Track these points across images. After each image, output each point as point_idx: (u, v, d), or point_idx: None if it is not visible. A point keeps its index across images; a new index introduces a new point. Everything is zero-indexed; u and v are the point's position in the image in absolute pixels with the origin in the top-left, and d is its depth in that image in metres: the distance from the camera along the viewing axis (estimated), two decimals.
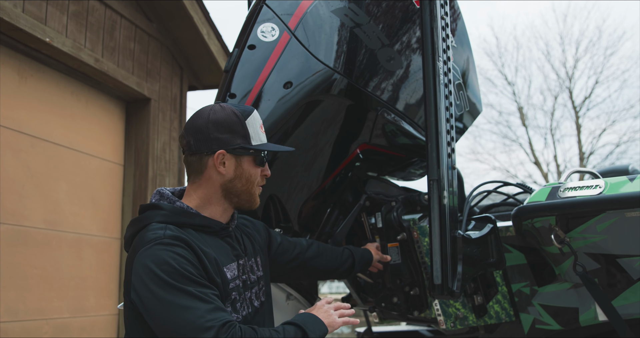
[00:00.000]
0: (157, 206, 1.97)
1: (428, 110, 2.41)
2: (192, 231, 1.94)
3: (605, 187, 2.37)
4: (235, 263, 2.00)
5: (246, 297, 2.03)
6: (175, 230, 1.88)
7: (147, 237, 1.86)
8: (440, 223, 2.31)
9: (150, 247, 1.82)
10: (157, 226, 1.90)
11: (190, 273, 1.77)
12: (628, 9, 25.19)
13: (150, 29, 5.62)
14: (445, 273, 2.29)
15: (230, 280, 1.93)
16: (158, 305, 1.75)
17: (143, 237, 1.88)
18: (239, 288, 1.98)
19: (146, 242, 1.84)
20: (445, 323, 2.74)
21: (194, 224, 1.96)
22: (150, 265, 1.78)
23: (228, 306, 1.92)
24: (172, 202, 2.00)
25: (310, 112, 2.66)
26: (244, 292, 2.02)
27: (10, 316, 4.08)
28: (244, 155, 2.02)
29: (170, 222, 1.92)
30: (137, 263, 1.82)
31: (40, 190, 4.45)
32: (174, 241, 1.83)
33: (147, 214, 1.96)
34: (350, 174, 2.90)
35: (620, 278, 2.50)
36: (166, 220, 1.93)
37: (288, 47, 2.64)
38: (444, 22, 2.51)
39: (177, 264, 1.77)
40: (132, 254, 1.88)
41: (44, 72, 4.58)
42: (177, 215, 1.95)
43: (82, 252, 4.82)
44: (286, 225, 2.68)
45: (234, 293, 1.94)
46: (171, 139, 5.83)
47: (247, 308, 2.01)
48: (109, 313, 5.10)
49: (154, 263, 1.78)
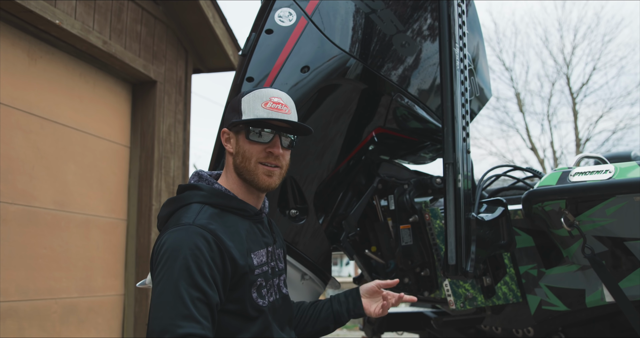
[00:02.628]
0: (196, 187, 2.02)
1: (444, 95, 2.46)
2: (229, 214, 1.98)
3: (615, 172, 2.44)
4: (265, 250, 2.03)
5: (274, 284, 2.05)
6: (208, 217, 1.90)
7: (181, 219, 1.90)
8: (455, 205, 2.37)
9: (177, 230, 1.85)
10: (195, 207, 1.94)
11: (195, 271, 1.77)
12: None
13: (157, 12, 5.64)
14: (459, 254, 2.35)
15: (256, 267, 1.95)
16: (155, 286, 1.80)
17: (179, 217, 1.92)
18: (266, 274, 2.00)
19: (176, 224, 1.88)
20: (455, 303, 2.81)
21: (231, 206, 1.99)
22: (166, 246, 1.82)
23: (254, 292, 1.92)
24: (211, 183, 2.04)
25: (326, 96, 2.70)
26: (272, 278, 2.05)
27: (20, 295, 4.14)
28: (240, 132, 2.03)
29: (209, 202, 1.96)
30: (161, 239, 1.87)
31: (50, 171, 4.49)
32: (201, 230, 1.84)
33: (186, 194, 2.01)
34: (364, 157, 2.95)
35: (626, 261, 2.57)
36: (205, 200, 1.97)
37: (305, 32, 2.68)
38: (460, 9, 2.56)
39: (189, 257, 1.78)
40: (163, 231, 1.92)
41: (53, 53, 4.61)
42: (215, 197, 1.99)
43: (90, 232, 4.88)
44: (302, 206, 2.73)
45: (260, 279, 1.96)
46: (176, 121, 5.86)
47: (274, 295, 2.04)
48: (115, 294, 5.17)
49: (171, 248, 1.81)
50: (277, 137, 2.01)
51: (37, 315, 4.28)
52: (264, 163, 2.00)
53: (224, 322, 1.87)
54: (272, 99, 2.02)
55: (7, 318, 4.01)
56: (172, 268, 1.77)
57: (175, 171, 5.77)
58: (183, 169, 5.95)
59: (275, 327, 2.01)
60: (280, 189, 2.67)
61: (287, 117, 2.02)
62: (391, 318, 3.89)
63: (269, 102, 2.01)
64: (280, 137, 2.02)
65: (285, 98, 2.07)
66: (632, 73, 23.11)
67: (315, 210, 2.77)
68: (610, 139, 20.05)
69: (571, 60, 20.72)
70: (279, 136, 2.02)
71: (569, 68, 20.69)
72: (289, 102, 2.08)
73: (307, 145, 2.72)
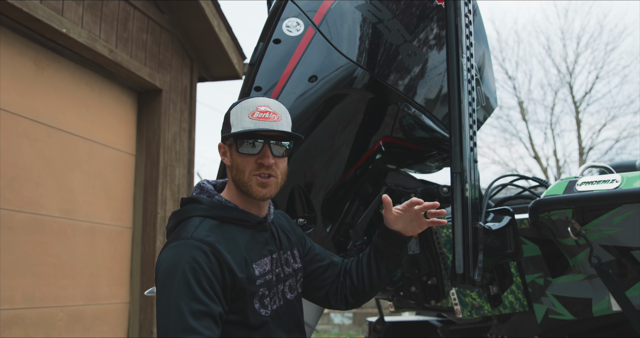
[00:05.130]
0: (196, 200, 2.03)
1: (452, 105, 2.47)
2: (230, 225, 1.99)
3: (622, 182, 2.45)
4: (269, 258, 2.04)
5: (278, 290, 2.06)
6: (207, 230, 1.93)
7: (180, 234, 1.93)
8: (463, 214, 2.38)
9: (175, 245, 1.89)
10: (195, 221, 1.96)
11: (194, 284, 1.80)
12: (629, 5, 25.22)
13: (162, 21, 5.67)
14: (467, 263, 2.36)
15: (258, 277, 1.97)
16: (158, 304, 1.83)
17: (179, 232, 1.95)
18: (269, 283, 2.01)
19: (175, 238, 1.93)
20: (461, 312, 2.82)
21: (232, 218, 2.01)
22: (165, 262, 1.87)
23: (256, 302, 1.94)
24: (212, 195, 2.06)
25: (334, 106, 2.72)
26: (277, 285, 2.05)
27: (27, 303, 4.15)
28: (232, 145, 2.04)
29: (209, 215, 1.98)
30: (161, 256, 1.91)
31: (56, 179, 4.51)
32: (198, 243, 1.87)
33: (187, 208, 2.03)
34: (371, 167, 2.96)
35: (633, 270, 2.58)
36: (205, 213, 1.99)
37: (313, 42, 2.70)
38: (467, 20, 2.58)
39: (187, 271, 1.81)
40: (163, 247, 1.95)
41: (60, 62, 4.63)
42: (215, 209, 2.01)
43: (96, 240, 4.89)
44: (310, 214, 2.74)
45: (262, 289, 1.97)
46: (181, 129, 5.89)
47: (278, 302, 2.05)
48: (120, 302, 5.18)
49: (169, 263, 1.85)
50: (266, 147, 1.99)
51: (42, 323, 4.28)
52: (257, 174, 2.00)
53: (227, 331, 1.90)
54: (258, 108, 2.00)
55: (14, 325, 4.01)
56: (171, 284, 1.80)
57: (180, 179, 5.78)
58: (188, 177, 5.96)
59: (280, 333, 2.03)
60: (288, 198, 2.68)
61: (275, 125, 2.00)
62: (397, 327, 3.89)
63: (255, 111, 1.99)
64: (270, 146, 2.00)
65: (274, 105, 2.05)
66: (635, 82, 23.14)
67: (322, 218, 2.78)
68: (613, 148, 20.04)
69: (574, 68, 20.73)
70: (269, 146, 2.00)
71: (572, 77, 20.70)
72: (279, 108, 2.05)
73: (315, 154, 2.73)
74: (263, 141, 1.99)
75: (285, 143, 2.04)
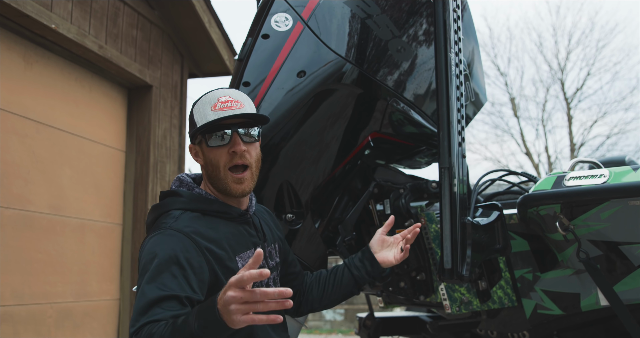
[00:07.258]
0: (176, 193, 2.02)
1: (440, 100, 2.47)
2: (211, 217, 1.98)
3: (610, 177, 2.45)
4: (252, 251, 2.02)
5: (263, 284, 2.05)
6: (188, 221, 1.91)
7: (159, 225, 1.93)
8: (451, 209, 2.38)
9: (154, 235, 1.89)
10: (175, 213, 1.95)
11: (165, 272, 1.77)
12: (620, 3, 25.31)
13: (152, 16, 5.65)
14: (455, 258, 2.36)
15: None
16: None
17: (159, 224, 1.94)
18: None
19: (155, 229, 1.92)
20: (450, 307, 2.82)
21: (212, 210, 1.99)
22: (144, 253, 1.86)
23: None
24: (191, 188, 2.04)
25: (322, 101, 2.71)
26: None
27: (16, 300, 4.13)
28: (201, 142, 2.02)
29: (189, 208, 1.97)
30: (141, 248, 1.91)
31: (45, 175, 4.48)
32: (176, 232, 1.86)
33: (166, 201, 2.02)
34: (360, 162, 2.96)
35: (621, 265, 2.58)
36: (184, 206, 1.97)
37: (301, 37, 2.70)
38: (456, 15, 2.58)
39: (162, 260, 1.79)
40: (144, 239, 1.94)
41: (49, 58, 4.61)
42: (195, 202, 1.99)
43: (85, 237, 4.87)
44: (299, 210, 2.74)
45: None
46: (172, 126, 5.87)
47: None
48: (110, 298, 5.16)
49: (147, 252, 1.84)
50: (235, 135, 1.97)
51: (32, 319, 4.26)
52: (232, 169, 1.98)
53: None
54: (219, 100, 2.00)
55: (3, 322, 4.00)
56: (145, 272, 1.79)
57: (170, 176, 5.77)
58: (178, 173, 5.94)
59: (265, 328, 2.01)
60: (276, 194, 2.68)
61: (239, 112, 1.99)
62: (386, 322, 3.89)
63: (217, 103, 1.99)
64: (239, 134, 1.98)
65: (235, 94, 2.04)
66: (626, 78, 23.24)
67: (311, 214, 2.78)
68: (604, 144, 20.10)
69: (565, 65, 20.78)
70: (237, 133, 1.98)
71: (564, 73, 20.74)
72: (240, 96, 2.04)
73: (303, 149, 2.73)
74: (231, 130, 1.97)
75: (254, 129, 2.02)
